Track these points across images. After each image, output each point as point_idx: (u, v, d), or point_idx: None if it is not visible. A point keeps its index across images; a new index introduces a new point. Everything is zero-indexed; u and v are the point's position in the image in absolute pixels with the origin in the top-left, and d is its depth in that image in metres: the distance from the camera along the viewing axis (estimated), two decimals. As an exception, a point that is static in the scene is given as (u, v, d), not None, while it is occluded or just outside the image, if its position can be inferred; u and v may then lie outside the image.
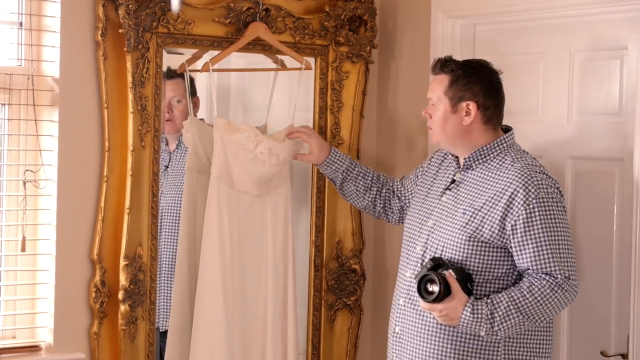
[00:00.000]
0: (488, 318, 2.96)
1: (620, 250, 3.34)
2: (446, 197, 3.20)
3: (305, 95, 3.82)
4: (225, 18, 3.60)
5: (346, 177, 3.57)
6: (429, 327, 3.10)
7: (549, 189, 3.04)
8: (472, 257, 3.06)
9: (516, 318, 2.97)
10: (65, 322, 3.44)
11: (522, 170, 3.06)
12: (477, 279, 3.06)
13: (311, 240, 3.86)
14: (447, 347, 3.07)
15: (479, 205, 3.09)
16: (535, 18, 3.61)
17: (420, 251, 3.17)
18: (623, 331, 3.31)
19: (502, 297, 2.98)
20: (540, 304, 2.97)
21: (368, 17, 3.83)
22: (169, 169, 3.91)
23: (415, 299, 3.12)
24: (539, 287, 2.97)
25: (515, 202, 3.02)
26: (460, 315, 2.97)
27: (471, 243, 3.06)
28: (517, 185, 3.03)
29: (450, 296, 2.98)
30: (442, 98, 3.16)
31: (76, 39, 3.41)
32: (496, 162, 3.14)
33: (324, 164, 3.57)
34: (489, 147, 3.15)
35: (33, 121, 3.41)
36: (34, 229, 3.48)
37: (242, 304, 3.57)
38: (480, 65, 3.20)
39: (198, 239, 3.55)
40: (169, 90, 3.81)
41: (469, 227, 3.07)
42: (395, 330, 3.22)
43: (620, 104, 3.38)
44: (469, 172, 3.18)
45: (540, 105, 3.61)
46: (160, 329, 3.66)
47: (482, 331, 2.98)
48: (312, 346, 3.87)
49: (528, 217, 3.00)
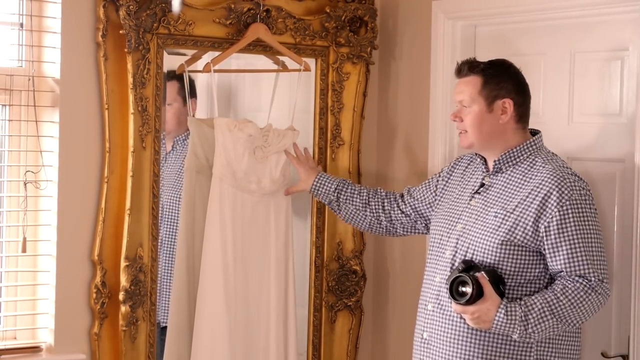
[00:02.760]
0: (522, 320, 2.92)
1: (621, 251, 3.34)
2: (475, 200, 3.16)
3: (306, 96, 3.82)
4: (225, 19, 3.60)
5: (340, 197, 3.56)
6: (459, 332, 3.05)
7: (581, 191, 3.02)
8: (504, 261, 3.02)
9: (550, 320, 2.93)
10: (66, 323, 3.44)
11: (554, 171, 3.04)
12: (509, 282, 3.02)
13: (312, 241, 3.86)
14: (477, 352, 3.03)
15: (511, 207, 3.06)
16: (536, 19, 3.61)
17: (450, 255, 3.13)
18: (624, 332, 3.31)
19: (536, 300, 2.94)
20: (574, 307, 2.94)
21: (369, 18, 3.83)
22: (165, 169, 3.91)
23: (444, 304, 3.09)
24: (573, 290, 2.94)
25: (549, 204, 2.99)
26: (493, 317, 2.93)
27: (503, 246, 3.02)
28: (551, 186, 3.01)
29: (483, 298, 2.94)
30: (477, 98, 3.13)
31: (77, 40, 3.41)
32: (526, 165, 3.12)
33: (313, 189, 3.60)
34: (520, 149, 3.13)
35: (34, 122, 3.41)
36: (35, 230, 3.48)
37: (244, 304, 3.57)
38: (508, 63, 3.19)
39: (197, 238, 3.55)
40: (168, 91, 3.81)
41: (501, 230, 3.04)
42: (423, 336, 3.17)
43: (621, 105, 3.38)
44: (498, 176, 3.15)
45: (541, 106, 3.61)
46: (160, 324, 3.66)
47: (515, 333, 2.93)
48: (313, 347, 3.87)
49: (562, 218, 2.97)
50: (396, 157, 4.01)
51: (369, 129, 4.01)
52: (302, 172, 3.64)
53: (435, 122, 3.84)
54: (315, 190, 3.61)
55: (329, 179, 3.60)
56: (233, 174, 3.52)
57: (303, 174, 3.64)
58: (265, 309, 3.61)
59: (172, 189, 3.82)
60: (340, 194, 3.57)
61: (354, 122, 3.85)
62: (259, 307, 3.61)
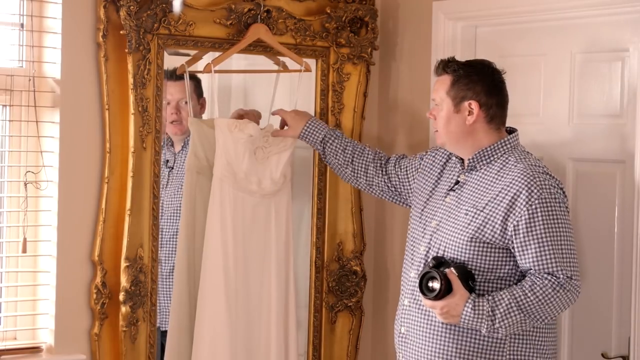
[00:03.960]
0: (489, 315, 2.96)
1: (621, 252, 3.34)
2: (450, 198, 3.21)
3: (307, 96, 3.82)
4: (226, 19, 3.60)
5: (325, 148, 3.58)
6: (434, 327, 3.10)
7: (551, 189, 3.04)
8: (475, 258, 3.07)
9: (517, 316, 2.97)
10: (66, 324, 3.44)
11: (524, 170, 3.06)
12: (480, 280, 3.06)
13: (312, 242, 3.86)
14: (452, 347, 3.07)
15: (481, 205, 3.09)
16: (537, 20, 3.61)
17: (424, 251, 3.18)
18: (624, 333, 3.31)
19: (503, 295, 2.99)
20: (542, 303, 2.98)
21: (369, 19, 3.83)
22: (174, 170, 3.92)
23: (420, 299, 3.12)
24: (541, 286, 2.98)
25: (518, 203, 3.02)
26: (461, 311, 2.98)
27: (473, 244, 3.07)
28: (520, 185, 3.03)
29: (452, 293, 2.99)
30: (445, 98, 3.17)
31: (77, 41, 3.41)
32: (500, 163, 3.14)
33: (301, 135, 3.59)
34: (492, 148, 3.16)
35: (34, 122, 3.41)
36: (35, 230, 3.47)
37: (245, 305, 3.57)
38: (482, 64, 3.21)
39: (197, 239, 3.55)
40: (177, 92, 3.82)
41: (471, 228, 3.08)
42: (400, 330, 3.23)
43: (621, 106, 3.38)
44: (473, 173, 3.19)
45: (541, 107, 3.61)
46: (161, 328, 3.66)
47: (483, 328, 2.98)
48: (313, 348, 3.87)
49: (530, 217, 3.00)
50: (396, 157, 4.01)
51: (370, 129, 4.01)
52: (289, 118, 3.61)
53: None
54: (303, 137, 3.60)
55: (317, 126, 3.59)
56: (234, 174, 3.52)
57: (290, 119, 3.61)
58: (265, 309, 3.61)
59: (181, 189, 3.81)
60: (326, 145, 3.58)
61: (355, 123, 3.85)
62: (259, 308, 3.61)
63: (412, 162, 3.51)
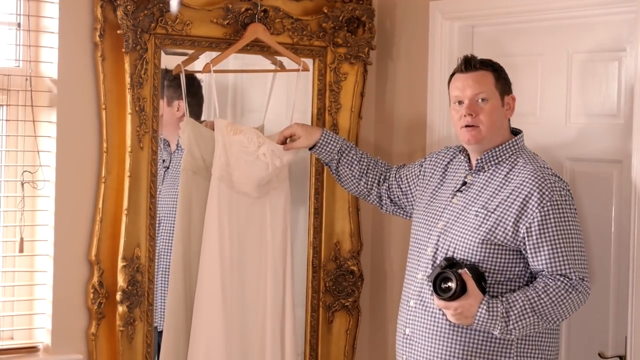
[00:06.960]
0: (503, 316, 2.95)
1: (618, 252, 3.34)
2: (457, 198, 3.19)
3: (304, 96, 3.82)
4: (223, 19, 3.60)
5: (341, 159, 3.55)
6: (441, 329, 3.08)
7: (562, 192, 3.05)
8: (485, 259, 3.05)
9: (531, 318, 2.96)
10: (63, 323, 3.44)
11: (534, 172, 3.06)
12: (490, 281, 3.05)
13: (309, 242, 3.86)
14: (459, 348, 3.05)
15: (492, 207, 3.08)
16: (534, 20, 3.61)
17: (431, 253, 3.15)
18: (621, 333, 3.31)
19: (517, 297, 2.97)
20: (555, 305, 2.97)
21: (366, 19, 3.83)
22: (170, 169, 3.91)
23: (426, 300, 3.11)
24: (554, 288, 2.97)
25: (530, 205, 3.02)
26: (475, 313, 2.96)
27: (484, 245, 3.05)
28: (531, 187, 3.03)
29: (466, 294, 2.97)
30: (494, 92, 3.16)
31: (74, 40, 3.41)
32: (508, 164, 3.14)
33: (316, 147, 3.55)
34: (502, 148, 3.15)
35: (31, 122, 3.41)
36: (32, 230, 3.47)
37: (241, 305, 3.57)
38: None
39: (193, 239, 3.55)
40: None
41: (482, 230, 3.06)
42: (405, 332, 3.20)
43: (619, 106, 3.38)
44: (480, 174, 3.18)
45: (538, 107, 3.61)
46: (158, 328, 3.65)
47: (496, 330, 2.97)
48: (310, 347, 3.87)
49: (543, 219, 3.00)
50: (394, 157, 4.01)
51: (367, 129, 4.01)
52: (300, 130, 3.54)
53: (432, 122, 3.84)
54: (318, 148, 3.54)
55: (333, 137, 3.56)
56: (230, 175, 3.52)
57: (301, 131, 3.54)
58: (262, 309, 3.61)
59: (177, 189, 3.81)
60: (342, 156, 3.55)
61: (352, 123, 3.85)
62: (256, 308, 3.61)
63: (412, 170, 3.49)
